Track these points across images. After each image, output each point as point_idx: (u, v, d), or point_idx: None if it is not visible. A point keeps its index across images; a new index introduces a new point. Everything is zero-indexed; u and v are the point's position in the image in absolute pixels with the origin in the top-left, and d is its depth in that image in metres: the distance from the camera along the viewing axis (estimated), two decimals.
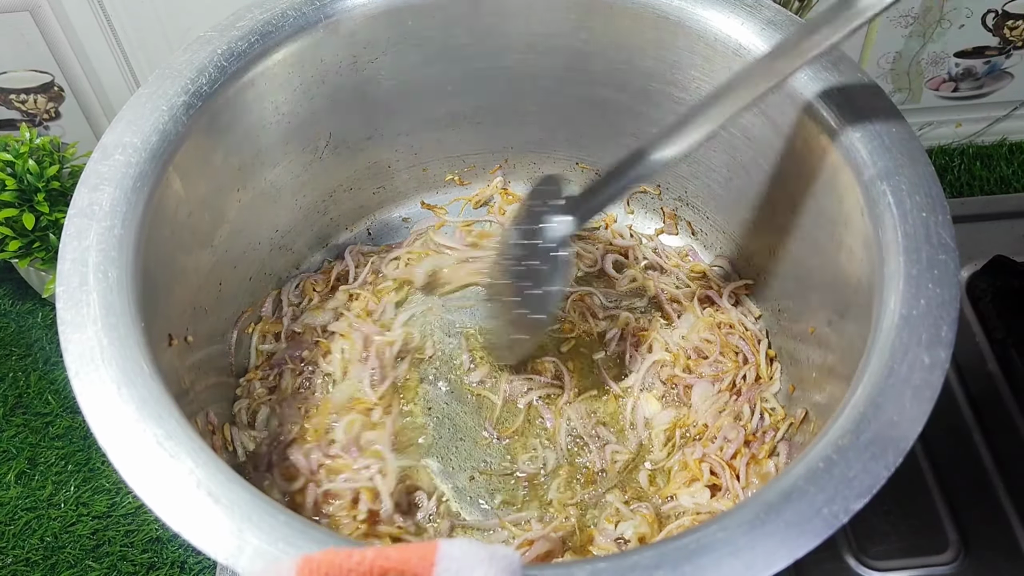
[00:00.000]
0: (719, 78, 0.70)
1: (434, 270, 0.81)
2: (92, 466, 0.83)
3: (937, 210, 0.56)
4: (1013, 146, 1.06)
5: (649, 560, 0.44)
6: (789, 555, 0.44)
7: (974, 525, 0.73)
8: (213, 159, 0.67)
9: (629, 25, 0.72)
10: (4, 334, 0.93)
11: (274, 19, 0.68)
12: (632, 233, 0.85)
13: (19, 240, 0.83)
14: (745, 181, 0.74)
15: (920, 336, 0.51)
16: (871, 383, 0.50)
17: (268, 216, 0.76)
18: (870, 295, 0.56)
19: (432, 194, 0.88)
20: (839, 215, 0.62)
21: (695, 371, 0.74)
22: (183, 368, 0.63)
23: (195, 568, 0.78)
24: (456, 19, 0.73)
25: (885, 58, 0.97)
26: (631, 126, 0.79)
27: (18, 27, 0.86)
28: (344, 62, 0.72)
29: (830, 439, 0.49)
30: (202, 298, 0.69)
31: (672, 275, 0.82)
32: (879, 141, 0.60)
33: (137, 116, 0.61)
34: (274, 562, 0.43)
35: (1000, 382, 0.80)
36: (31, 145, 0.84)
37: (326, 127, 0.76)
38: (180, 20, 0.88)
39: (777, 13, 0.67)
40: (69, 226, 0.56)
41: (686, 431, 0.72)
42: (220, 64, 0.65)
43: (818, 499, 0.46)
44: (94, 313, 0.52)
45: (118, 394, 0.49)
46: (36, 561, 0.78)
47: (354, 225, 0.86)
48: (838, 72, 0.63)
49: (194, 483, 0.47)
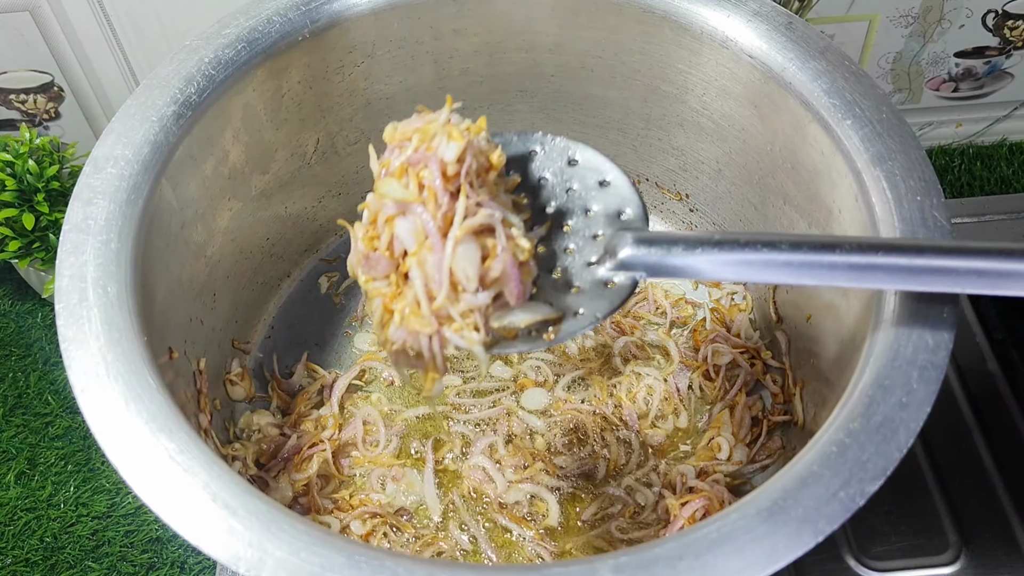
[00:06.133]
0: (706, 72, 0.70)
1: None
2: (92, 466, 0.83)
3: (931, 193, 0.57)
4: (1013, 146, 1.06)
5: (672, 551, 0.45)
6: (809, 540, 0.45)
7: (974, 525, 0.73)
8: (204, 168, 0.66)
9: (614, 21, 0.72)
10: (4, 334, 0.92)
11: (260, 25, 0.67)
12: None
13: (19, 240, 0.82)
14: (736, 172, 0.75)
15: (923, 318, 0.52)
16: (877, 366, 0.51)
17: (259, 224, 0.75)
18: None
19: None
20: (833, 202, 0.63)
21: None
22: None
23: (195, 568, 0.77)
24: (442, 21, 0.73)
25: (885, 58, 0.98)
26: (619, 122, 0.79)
27: (18, 27, 0.86)
28: (331, 66, 0.72)
29: (841, 423, 0.49)
30: (198, 309, 0.68)
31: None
32: (870, 128, 0.60)
33: (127, 128, 0.60)
34: None
35: (1000, 382, 0.80)
36: (31, 145, 0.83)
37: (314, 132, 0.76)
38: (180, 20, 0.87)
39: (763, 5, 0.68)
40: (65, 242, 0.55)
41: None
42: (208, 72, 0.64)
43: (834, 483, 0.47)
44: (96, 329, 0.51)
45: (126, 409, 0.49)
46: (36, 561, 0.77)
47: (343, 231, 0.85)
48: (826, 60, 0.64)
49: (210, 497, 0.46)
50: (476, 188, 0.48)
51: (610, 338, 0.78)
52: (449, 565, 0.45)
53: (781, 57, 0.65)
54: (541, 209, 0.54)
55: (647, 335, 0.79)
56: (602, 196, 0.54)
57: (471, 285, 0.46)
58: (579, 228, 0.54)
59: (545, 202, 0.54)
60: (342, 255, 0.85)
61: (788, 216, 0.70)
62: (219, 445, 0.67)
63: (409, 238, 0.47)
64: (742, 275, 0.50)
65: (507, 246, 0.47)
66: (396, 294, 0.48)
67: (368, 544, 0.61)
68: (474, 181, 0.48)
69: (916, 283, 0.48)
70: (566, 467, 0.71)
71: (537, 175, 0.55)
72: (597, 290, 0.52)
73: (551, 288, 0.52)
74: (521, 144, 0.55)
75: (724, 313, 0.79)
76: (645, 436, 0.73)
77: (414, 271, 0.46)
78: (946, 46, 0.97)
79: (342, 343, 0.80)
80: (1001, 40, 0.97)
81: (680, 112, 0.75)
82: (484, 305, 0.47)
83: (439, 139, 0.47)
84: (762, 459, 0.70)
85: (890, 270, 0.48)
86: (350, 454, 0.72)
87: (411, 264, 0.47)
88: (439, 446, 0.73)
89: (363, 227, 0.49)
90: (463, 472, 0.71)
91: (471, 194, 0.47)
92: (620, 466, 0.71)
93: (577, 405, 0.74)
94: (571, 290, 0.52)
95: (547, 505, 0.69)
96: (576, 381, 0.76)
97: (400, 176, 0.48)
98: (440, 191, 0.46)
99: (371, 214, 0.49)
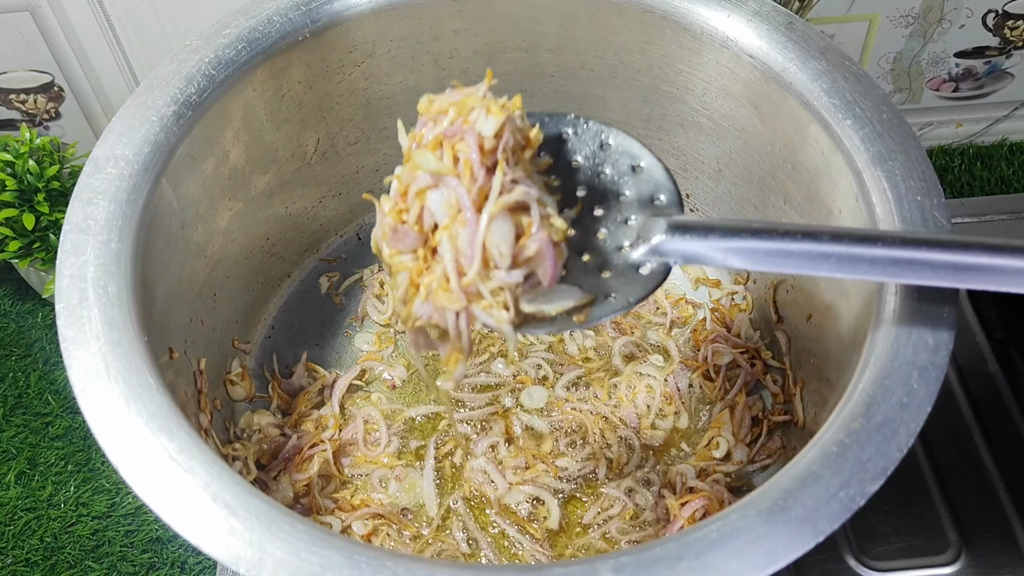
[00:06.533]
0: (706, 72, 0.70)
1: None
2: (92, 466, 0.83)
3: (932, 193, 0.57)
4: (1013, 146, 1.06)
5: (671, 551, 0.45)
6: (809, 540, 0.45)
7: (974, 525, 0.73)
8: (204, 168, 0.66)
9: (614, 21, 0.72)
10: (4, 334, 0.92)
11: (260, 25, 0.67)
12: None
13: (19, 240, 0.82)
14: (736, 172, 0.75)
15: (923, 318, 0.52)
16: (877, 366, 0.51)
17: (259, 224, 0.75)
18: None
19: None
20: (833, 202, 0.63)
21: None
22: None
23: (195, 568, 0.77)
24: (442, 21, 0.73)
25: (885, 58, 0.98)
26: (619, 122, 0.79)
27: (18, 27, 0.86)
28: (331, 66, 0.72)
29: (841, 423, 0.49)
30: (198, 309, 0.68)
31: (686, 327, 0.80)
32: (871, 128, 0.60)
33: (127, 128, 0.60)
34: None
35: (1000, 382, 0.80)
36: (31, 145, 0.83)
37: (314, 132, 0.76)
38: (180, 20, 0.87)
39: (763, 5, 0.68)
40: (65, 242, 0.55)
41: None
42: (208, 72, 0.64)
43: (834, 483, 0.47)
44: (96, 329, 0.51)
45: (127, 409, 0.49)
46: (36, 561, 0.77)
47: (343, 231, 0.85)
48: (826, 60, 0.64)
49: (210, 496, 0.46)
50: (512, 165, 0.47)
51: (610, 338, 0.78)
52: (449, 565, 0.45)
53: (781, 57, 0.65)
54: (571, 192, 0.53)
55: (647, 335, 0.79)
56: (635, 181, 0.53)
57: (504, 262, 0.46)
58: (611, 213, 0.53)
59: (576, 185, 0.54)
60: (342, 255, 0.85)
61: (788, 216, 0.70)
62: (219, 445, 0.67)
63: (442, 211, 0.46)
64: (780, 266, 0.49)
65: (542, 225, 0.47)
66: (423, 268, 0.47)
67: (368, 544, 0.61)
68: (510, 158, 0.47)
69: (961, 280, 0.46)
70: (568, 468, 0.71)
71: (568, 158, 0.54)
72: (629, 275, 0.51)
73: (581, 271, 0.51)
74: (553, 126, 0.55)
75: (724, 313, 0.79)
76: (645, 436, 0.73)
77: (444, 245, 0.46)
78: (946, 46, 0.97)
79: (342, 343, 0.80)
80: (1001, 40, 0.97)
81: (680, 112, 0.75)
82: (515, 284, 0.46)
83: (477, 113, 0.47)
84: (762, 459, 0.70)
85: (936, 267, 0.46)
86: (351, 454, 0.72)
87: (442, 238, 0.46)
88: (440, 446, 0.72)
89: (391, 200, 0.48)
90: (464, 474, 0.71)
91: (507, 170, 0.46)
92: (622, 466, 0.71)
93: (577, 405, 0.74)
94: (602, 274, 0.51)
95: (548, 507, 0.69)
96: (576, 380, 0.76)
97: (434, 149, 0.47)
98: (477, 164, 0.46)
99: (401, 186, 0.48)
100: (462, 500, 0.70)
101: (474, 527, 0.68)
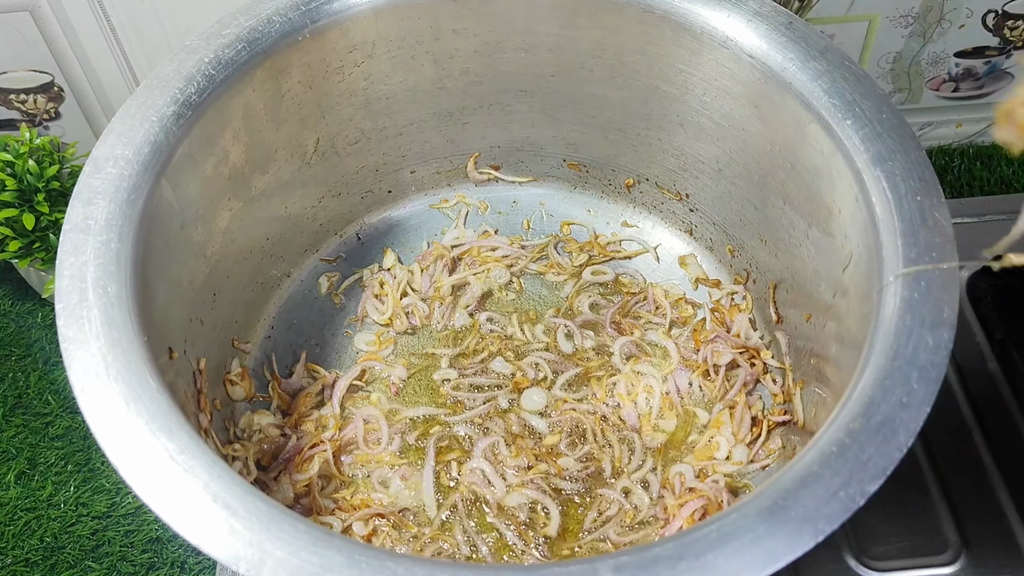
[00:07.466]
0: (706, 72, 0.71)
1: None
2: (92, 466, 0.83)
3: (931, 193, 0.57)
4: None
5: (671, 551, 0.45)
6: (809, 540, 0.45)
7: (974, 525, 0.72)
8: (204, 168, 0.66)
9: (614, 20, 0.72)
10: (4, 334, 0.92)
11: (260, 25, 0.67)
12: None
13: (19, 240, 0.82)
14: (736, 172, 0.75)
15: (923, 318, 0.52)
16: (877, 366, 0.51)
17: (259, 224, 0.75)
18: (868, 279, 0.57)
19: (420, 196, 0.87)
20: (833, 202, 0.63)
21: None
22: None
23: (195, 568, 0.77)
24: (442, 21, 0.73)
25: (885, 58, 0.98)
26: (619, 122, 0.79)
27: (18, 27, 0.86)
28: (331, 66, 0.72)
29: (841, 423, 0.49)
30: (197, 309, 0.68)
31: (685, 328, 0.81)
32: (871, 128, 0.60)
33: (127, 128, 0.60)
34: None
35: (1000, 382, 0.80)
36: (31, 145, 0.83)
37: (314, 132, 0.76)
38: (180, 20, 0.87)
39: (763, 5, 0.68)
40: (65, 242, 0.55)
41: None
42: (208, 72, 0.64)
43: (834, 483, 0.47)
44: (96, 329, 0.51)
45: (127, 409, 0.49)
46: (36, 561, 0.78)
47: (343, 231, 0.85)
48: (826, 60, 0.64)
49: (210, 497, 0.46)
50: None
51: (610, 338, 0.78)
52: (449, 565, 0.45)
53: (781, 57, 0.65)
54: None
55: (647, 335, 0.79)
56: None
57: None
58: None
59: None
60: (342, 255, 0.85)
61: (788, 216, 0.70)
62: (219, 445, 0.67)
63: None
64: None
65: None
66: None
67: (368, 544, 0.61)
68: None
69: None
70: (569, 468, 0.71)
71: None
72: None
73: None
74: None
75: (724, 313, 0.79)
76: (644, 436, 0.73)
77: None
78: (946, 46, 0.97)
79: (342, 343, 0.80)
80: (1001, 40, 0.97)
81: (680, 112, 0.75)
82: None
83: None
84: (762, 459, 0.71)
85: None
86: (351, 453, 0.72)
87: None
88: (440, 446, 0.72)
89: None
90: (463, 475, 0.71)
91: None
92: (623, 466, 0.71)
93: (576, 405, 0.74)
94: None
95: (547, 511, 0.69)
96: (574, 380, 0.76)
97: None
98: None
99: None
100: (461, 501, 0.70)
101: (472, 530, 0.68)
